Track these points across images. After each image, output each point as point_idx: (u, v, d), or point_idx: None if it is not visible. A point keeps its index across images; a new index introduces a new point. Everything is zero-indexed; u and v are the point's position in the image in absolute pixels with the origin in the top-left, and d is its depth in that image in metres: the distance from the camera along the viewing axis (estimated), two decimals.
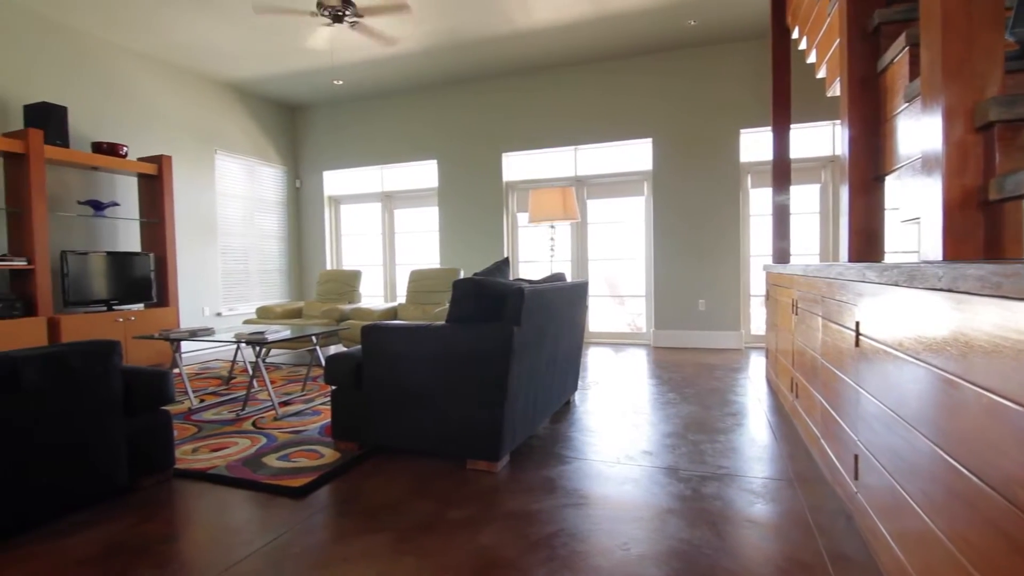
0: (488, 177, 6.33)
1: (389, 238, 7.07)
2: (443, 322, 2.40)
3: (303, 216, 7.33)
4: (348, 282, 5.82)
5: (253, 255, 6.64)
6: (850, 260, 2.21)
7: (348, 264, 7.35)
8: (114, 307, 4.68)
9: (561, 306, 2.81)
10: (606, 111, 5.82)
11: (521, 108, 6.15)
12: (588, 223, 6.13)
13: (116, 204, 4.85)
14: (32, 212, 4.07)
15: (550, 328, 2.67)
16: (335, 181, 7.23)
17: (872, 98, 2.15)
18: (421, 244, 6.93)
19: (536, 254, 6.37)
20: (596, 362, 4.88)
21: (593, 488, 2.12)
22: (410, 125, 6.67)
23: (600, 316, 6.21)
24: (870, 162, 2.16)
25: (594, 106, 5.86)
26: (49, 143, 4.22)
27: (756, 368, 4.45)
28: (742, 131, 5.39)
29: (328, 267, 7.24)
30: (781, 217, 4.10)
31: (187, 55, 5.40)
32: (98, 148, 4.66)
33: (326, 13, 4.24)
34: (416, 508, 1.97)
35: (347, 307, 5.26)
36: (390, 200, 7.03)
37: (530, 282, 2.82)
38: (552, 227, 5.24)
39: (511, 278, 3.55)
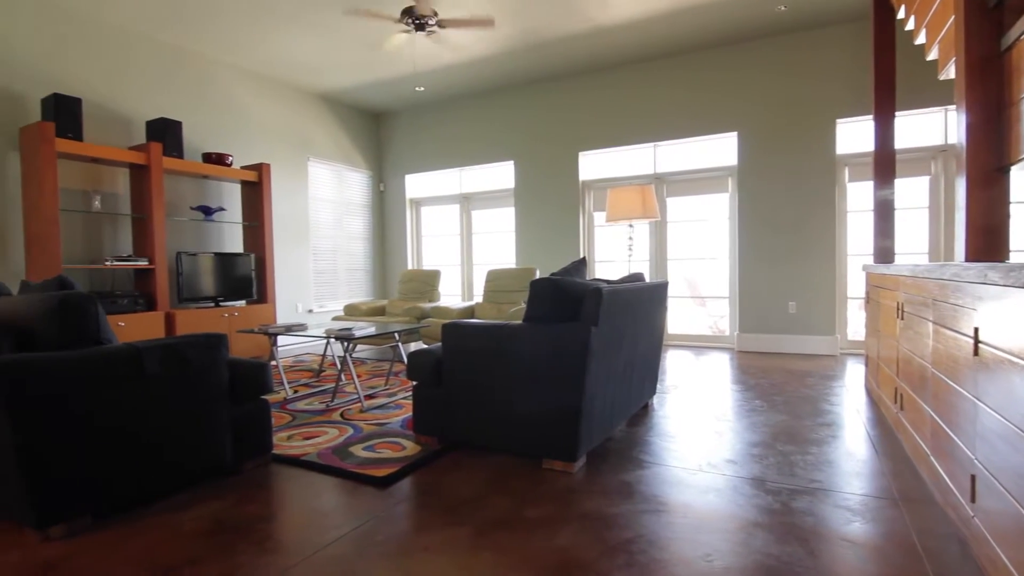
0: (564, 177, 6.31)
1: (467, 238, 7.23)
2: (520, 321, 2.42)
3: (386, 218, 7.65)
4: (428, 281, 6.01)
5: (341, 255, 7.02)
6: (967, 259, 2.00)
7: (428, 264, 7.59)
8: (220, 303, 5.12)
9: (640, 307, 2.76)
10: (687, 105, 5.62)
11: (598, 106, 6.08)
12: (668, 222, 5.96)
13: (223, 209, 5.29)
14: (153, 217, 4.53)
15: (628, 329, 2.62)
16: (416, 184, 7.49)
17: (994, 80, 1.94)
18: (497, 244, 7.03)
19: (613, 254, 6.27)
20: (675, 365, 4.74)
21: (673, 495, 2.06)
22: (488, 127, 6.78)
23: (680, 318, 6.02)
24: (992, 151, 1.95)
25: (674, 101, 5.69)
26: (167, 155, 4.68)
27: (854, 376, 4.13)
28: (839, 121, 5.03)
29: (409, 267, 7.51)
30: (884, 213, 3.79)
31: (284, 70, 5.79)
32: (207, 158, 5.11)
33: (410, 22, 4.40)
34: (494, 504, 2.00)
35: (427, 305, 5.43)
36: (468, 201, 7.18)
37: (608, 282, 2.79)
38: (630, 226, 5.14)
39: (588, 278, 3.52)
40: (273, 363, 4.65)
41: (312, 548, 1.71)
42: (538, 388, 2.29)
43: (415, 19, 4.36)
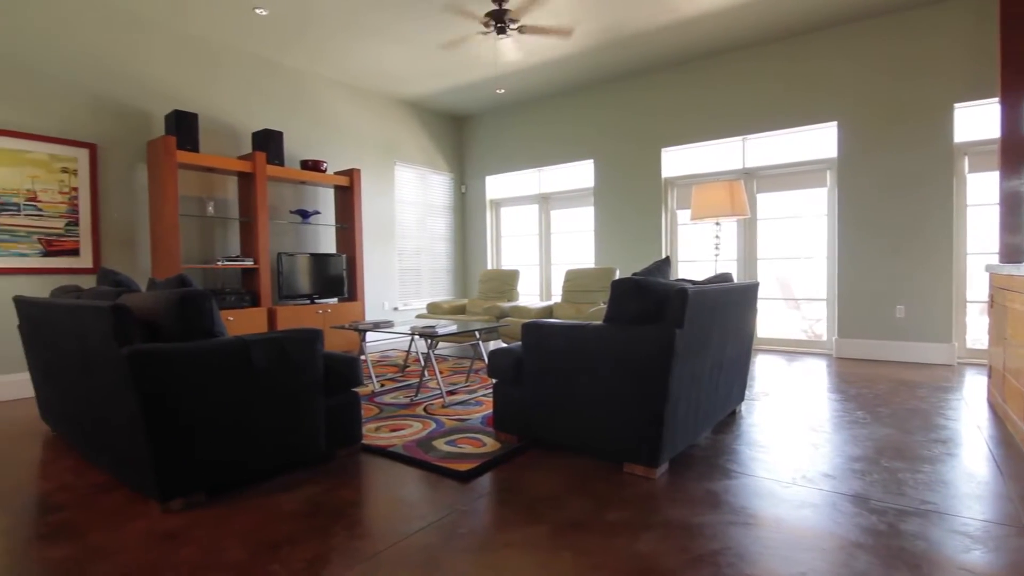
0: (646, 174, 6.16)
1: (545, 238, 7.24)
2: (601, 322, 2.40)
3: (467, 219, 7.83)
4: (507, 281, 6.08)
5: (424, 255, 7.27)
6: None
7: (507, 264, 7.68)
8: (315, 300, 5.46)
9: (727, 309, 2.64)
10: (780, 95, 5.30)
11: (681, 101, 5.88)
12: (758, 219, 5.65)
13: (318, 212, 5.65)
14: (257, 221, 4.91)
15: (715, 332, 2.51)
16: (496, 185, 7.61)
17: None
18: (576, 244, 6.98)
19: (698, 253, 6.04)
20: (766, 371, 4.49)
21: (763, 508, 1.95)
22: (567, 126, 6.75)
23: (771, 321, 5.69)
24: None
25: (765, 91, 5.38)
26: (270, 163, 5.06)
27: (974, 388, 3.72)
28: (956, 106, 4.54)
29: (489, 267, 7.64)
30: (1013, 206, 3.38)
31: (372, 79, 6.08)
32: (305, 165, 5.47)
33: (492, 26, 4.47)
34: (573, 505, 2.00)
35: (506, 305, 5.50)
36: (547, 201, 7.19)
37: (693, 282, 2.69)
38: (717, 224, 4.93)
39: (671, 278, 3.42)
40: (362, 357, 4.89)
41: (398, 536, 1.79)
42: (619, 390, 2.25)
43: (499, 22, 4.43)
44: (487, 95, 6.77)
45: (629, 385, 2.22)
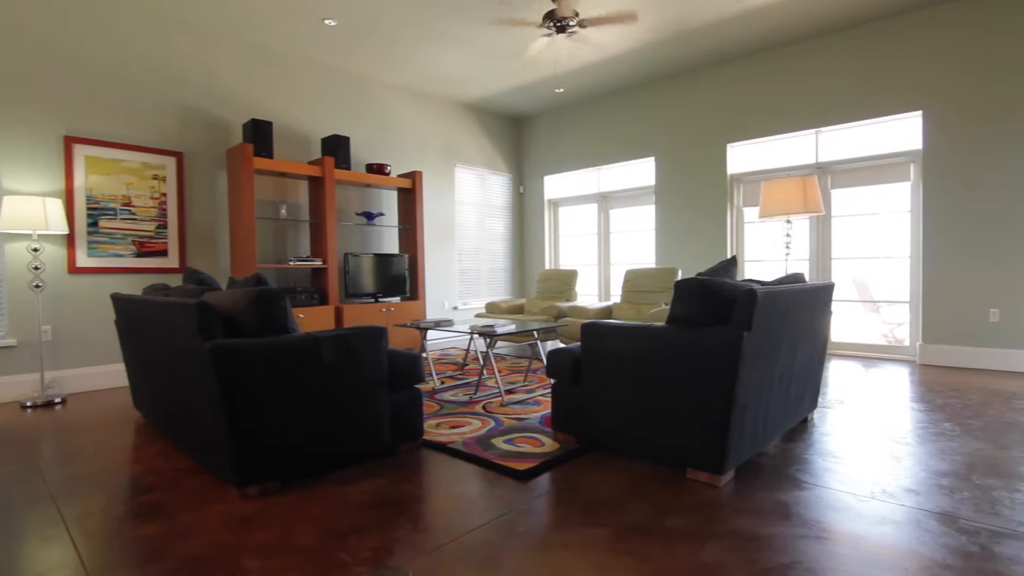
0: (710, 171, 5.96)
1: (604, 238, 7.15)
2: (663, 323, 2.34)
3: (525, 219, 7.86)
4: (565, 281, 6.06)
5: (483, 255, 7.35)
6: None
7: (565, 263, 7.65)
8: (379, 299, 5.64)
9: (799, 311, 2.51)
10: (857, 84, 4.99)
11: (748, 94, 5.65)
12: (832, 216, 5.35)
13: (382, 214, 5.83)
14: (326, 223, 5.13)
15: (785, 335, 2.40)
16: (554, 185, 7.59)
17: None
18: (636, 243, 6.86)
19: (766, 252, 5.79)
20: (841, 377, 4.24)
21: (838, 522, 1.85)
22: (627, 125, 6.64)
23: (847, 324, 5.37)
24: None
25: (841, 80, 5.08)
26: (337, 167, 5.27)
27: None
28: None
29: (547, 266, 7.64)
30: None
31: (433, 83, 6.21)
32: (370, 168, 5.66)
33: (551, 26, 4.47)
34: (633, 510, 1.96)
35: (564, 305, 5.47)
36: (606, 200, 7.11)
37: (761, 283, 2.58)
38: (788, 222, 4.70)
39: (738, 278, 3.29)
40: (424, 355, 5.02)
41: (458, 531, 1.82)
42: (683, 394, 2.19)
43: (556, 22, 4.41)
44: (546, 95, 6.77)
45: (693, 389, 2.16)
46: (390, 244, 6.22)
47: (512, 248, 7.77)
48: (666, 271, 5.25)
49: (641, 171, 6.68)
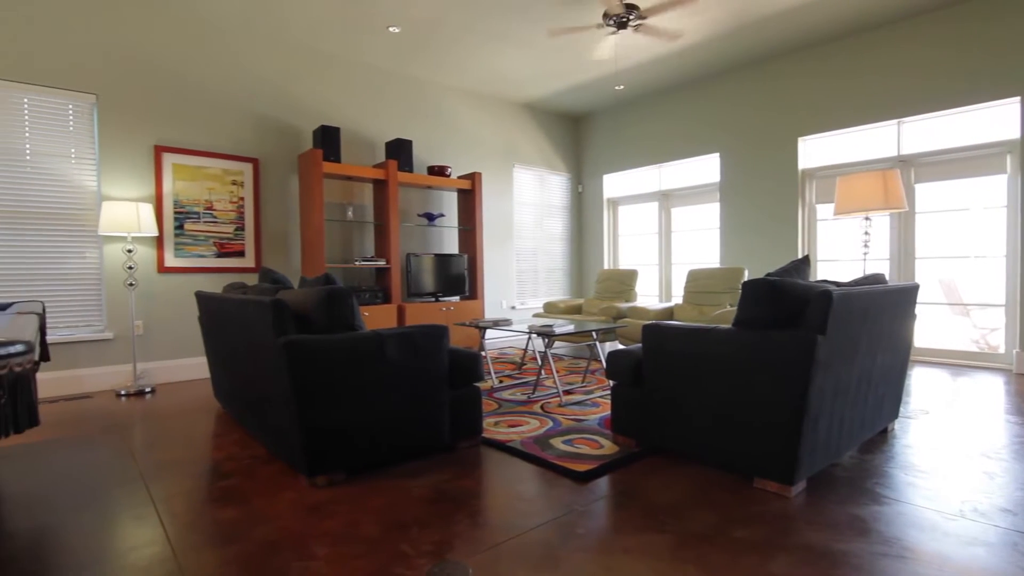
0: (780, 166, 5.70)
1: (665, 237, 6.98)
2: (729, 326, 2.26)
3: (584, 218, 7.79)
4: (625, 281, 5.96)
5: (541, 255, 7.35)
6: None
7: (624, 263, 7.53)
8: (439, 298, 5.76)
9: (879, 314, 2.36)
10: (946, 70, 4.63)
11: (821, 84, 5.35)
12: (916, 212, 4.98)
13: (442, 215, 5.95)
14: (389, 224, 5.29)
15: (863, 340, 2.26)
16: (614, 183, 7.49)
17: None
18: (699, 243, 6.65)
19: (842, 252, 5.47)
20: (925, 386, 3.95)
21: (922, 541, 1.72)
22: (690, 120, 6.45)
23: (932, 329, 4.99)
24: None
25: (926, 66, 4.72)
26: (401, 170, 5.42)
27: None
28: None
29: (605, 266, 7.54)
30: None
31: (492, 84, 6.27)
32: (431, 171, 5.79)
33: (611, 22, 4.41)
34: (697, 517, 1.91)
35: (624, 305, 5.39)
36: (667, 199, 6.94)
37: (837, 284, 2.44)
38: (867, 219, 4.42)
39: (811, 279, 3.13)
40: (482, 354, 5.07)
41: (517, 530, 1.83)
42: (750, 400, 2.11)
43: (614, 18, 4.35)
44: (605, 92, 6.69)
45: (762, 394, 2.07)
46: (450, 244, 6.34)
47: (570, 248, 7.73)
48: (732, 271, 5.07)
49: (704, 168, 6.47)
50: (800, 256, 4.21)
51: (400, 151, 5.44)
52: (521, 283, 7.11)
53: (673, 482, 2.22)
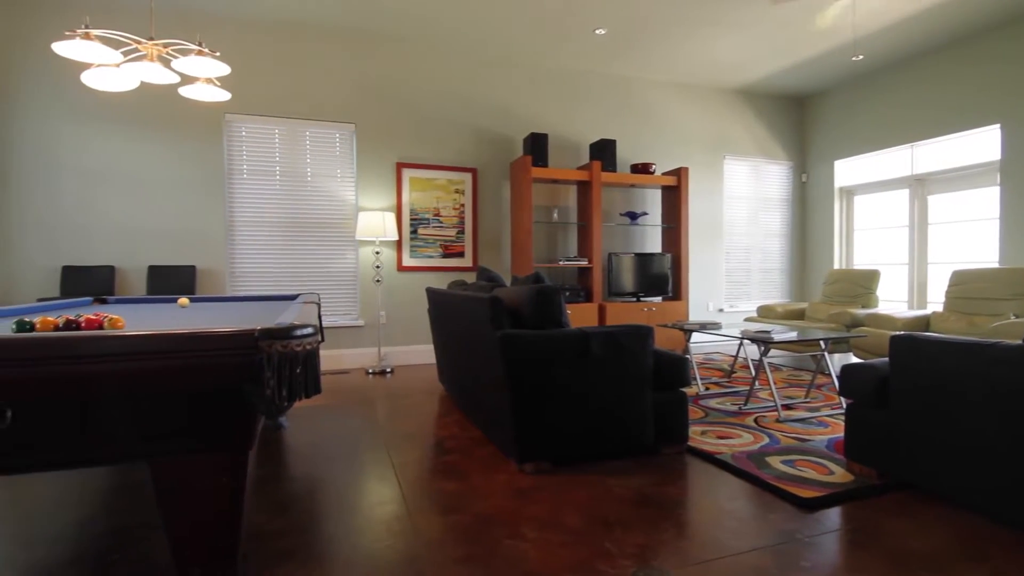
0: None
1: (919, 230, 5.81)
2: (1018, 341, 1.79)
3: (808, 212, 6.91)
4: (862, 283, 5.13)
5: (755, 254, 6.72)
6: None
7: (859, 262, 6.47)
8: (640, 298, 5.66)
9: None
10: None
11: None
12: None
13: (645, 214, 5.83)
14: (592, 224, 5.36)
15: None
16: (847, 170, 6.47)
17: None
18: (966, 237, 5.39)
19: None
20: None
21: None
22: (956, 88, 5.26)
23: None
24: None
25: None
26: (604, 170, 5.46)
27: None
28: None
29: (836, 266, 6.58)
30: None
31: (701, 73, 5.93)
32: (634, 168, 5.71)
33: None
34: (960, 573, 1.55)
35: (860, 312, 4.64)
36: (921, 185, 5.76)
37: None
38: None
39: None
40: (688, 357, 4.85)
41: (729, 550, 1.71)
42: None
43: None
44: (837, 66, 5.82)
45: None
46: (652, 243, 6.17)
47: (790, 245, 6.92)
48: (1018, 272, 4.01)
49: (977, 144, 5.21)
50: None
51: (604, 152, 5.48)
52: (731, 284, 6.60)
53: (929, 526, 1.84)
